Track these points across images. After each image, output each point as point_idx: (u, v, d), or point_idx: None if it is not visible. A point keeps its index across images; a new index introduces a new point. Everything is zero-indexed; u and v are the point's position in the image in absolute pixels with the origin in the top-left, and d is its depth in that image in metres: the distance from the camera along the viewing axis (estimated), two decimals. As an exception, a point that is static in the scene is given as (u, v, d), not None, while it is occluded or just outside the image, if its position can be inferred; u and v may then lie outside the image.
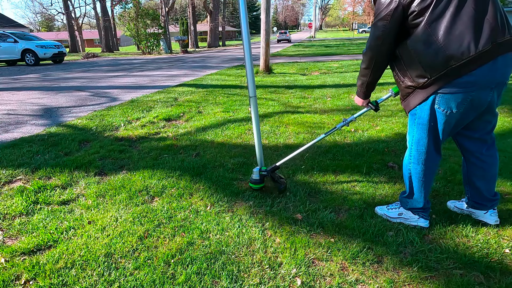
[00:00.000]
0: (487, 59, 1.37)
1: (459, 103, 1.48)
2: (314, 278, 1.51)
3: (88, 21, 51.07)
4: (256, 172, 2.27)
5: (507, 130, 3.48)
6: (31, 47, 15.04)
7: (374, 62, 1.60)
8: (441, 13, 1.38)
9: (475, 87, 1.43)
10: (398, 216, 1.88)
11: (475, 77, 1.40)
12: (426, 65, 1.44)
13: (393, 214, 1.91)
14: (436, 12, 1.38)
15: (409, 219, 1.85)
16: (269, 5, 8.40)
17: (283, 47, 26.04)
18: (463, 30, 1.36)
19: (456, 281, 1.46)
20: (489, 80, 1.43)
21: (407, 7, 1.43)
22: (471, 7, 1.37)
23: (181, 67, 12.37)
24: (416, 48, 1.45)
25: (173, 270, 1.56)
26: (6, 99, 6.25)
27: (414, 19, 1.43)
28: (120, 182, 2.50)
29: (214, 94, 6.10)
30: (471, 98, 1.46)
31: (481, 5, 1.37)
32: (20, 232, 1.91)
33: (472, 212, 1.90)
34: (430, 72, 1.44)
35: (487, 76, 1.41)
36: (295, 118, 4.20)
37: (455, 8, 1.37)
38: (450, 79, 1.42)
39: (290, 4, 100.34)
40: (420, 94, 1.54)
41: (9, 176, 2.65)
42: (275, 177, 2.27)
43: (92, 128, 3.99)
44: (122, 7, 25.56)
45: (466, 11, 1.36)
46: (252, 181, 2.28)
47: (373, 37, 1.54)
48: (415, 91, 1.56)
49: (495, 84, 1.46)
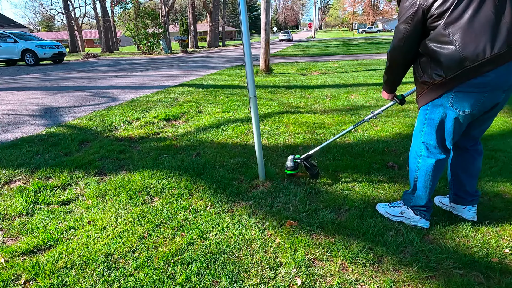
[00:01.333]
0: (502, 61, 1.40)
1: (472, 103, 1.50)
2: (314, 278, 1.51)
3: (88, 21, 51.10)
4: (291, 159, 2.47)
5: (507, 130, 3.48)
6: (31, 47, 15.04)
7: (397, 61, 1.67)
8: (459, 15, 1.43)
9: (488, 88, 1.46)
10: (400, 215, 1.89)
11: (489, 78, 1.43)
12: (443, 64, 1.48)
13: (394, 212, 1.92)
14: (454, 15, 1.43)
15: (410, 219, 1.85)
16: (269, 5, 8.40)
17: (283, 47, 26.05)
18: (479, 33, 1.39)
19: (456, 281, 1.46)
20: (502, 82, 1.45)
21: (427, 11, 1.49)
22: (490, 10, 1.39)
23: (181, 67, 12.37)
24: (434, 48, 1.50)
25: (173, 270, 1.56)
26: (6, 99, 6.25)
27: (433, 22, 1.49)
28: (120, 182, 2.50)
29: (214, 94, 6.10)
30: (484, 100, 1.49)
31: (500, 8, 1.39)
32: (20, 232, 1.91)
33: (453, 207, 1.94)
34: (446, 72, 1.48)
35: (501, 78, 1.44)
36: (295, 118, 4.20)
37: (474, 11, 1.41)
38: (464, 79, 1.46)
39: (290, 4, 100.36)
40: (434, 91, 1.57)
41: (9, 176, 2.65)
42: (309, 164, 2.48)
43: (92, 128, 3.99)
44: (122, 7, 25.57)
45: (484, 14, 1.39)
46: (287, 168, 2.48)
47: (396, 38, 1.60)
48: (430, 88, 1.59)
49: (508, 87, 1.48)
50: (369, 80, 7.16)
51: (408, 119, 4.02)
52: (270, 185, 2.40)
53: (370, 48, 18.59)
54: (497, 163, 2.64)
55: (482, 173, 2.46)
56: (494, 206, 2.04)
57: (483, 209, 2.00)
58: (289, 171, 2.48)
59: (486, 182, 2.34)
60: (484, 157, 2.76)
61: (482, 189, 2.24)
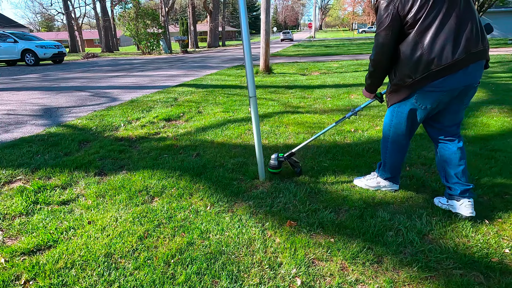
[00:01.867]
0: (461, 66, 1.64)
1: (433, 100, 1.77)
2: (314, 278, 1.51)
3: (88, 21, 51.08)
4: (275, 158, 2.47)
5: (507, 130, 3.48)
6: (31, 47, 15.04)
7: (382, 66, 1.85)
8: (428, 25, 1.64)
9: (446, 89, 1.71)
10: (377, 185, 2.26)
11: (449, 80, 1.68)
12: (412, 67, 1.70)
13: (372, 183, 2.27)
14: (425, 24, 1.64)
15: (386, 186, 2.24)
16: (269, 5, 8.40)
17: (283, 47, 26.05)
18: (444, 41, 1.62)
19: (456, 281, 1.46)
20: (460, 83, 1.69)
21: (403, 18, 1.68)
22: (454, 22, 1.62)
23: (181, 67, 12.37)
24: (406, 53, 1.71)
25: (173, 270, 1.56)
26: (6, 99, 6.25)
27: (408, 29, 1.69)
28: (120, 182, 2.50)
29: (214, 94, 6.10)
30: (442, 97, 1.75)
31: (461, 20, 1.62)
32: (20, 232, 1.91)
33: (451, 205, 2.00)
34: (415, 74, 1.71)
35: (458, 80, 1.68)
36: (295, 118, 4.20)
37: (440, 22, 1.63)
38: (429, 81, 1.69)
39: (290, 4, 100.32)
40: (404, 91, 1.81)
41: (9, 176, 2.65)
42: (292, 161, 2.53)
43: (92, 128, 3.99)
44: (122, 7, 25.56)
45: (448, 25, 1.62)
46: (271, 166, 2.49)
47: (379, 45, 1.77)
48: (400, 88, 1.83)
49: (463, 87, 1.72)
50: (369, 80, 7.15)
51: (408, 119, 4.02)
52: (270, 185, 2.40)
53: (370, 48, 18.56)
54: (497, 163, 2.64)
55: (482, 173, 2.46)
56: (494, 206, 2.04)
57: (483, 209, 2.00)
58: (273, 169, 2.49)
59: (486, 182, 2.34)
60: (484, 157, 2.76)
61: (482, 189, 2.24)
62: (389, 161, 2.12)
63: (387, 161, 2.13)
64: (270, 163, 2.49)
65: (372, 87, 2.05)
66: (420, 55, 1.66)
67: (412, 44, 1.68)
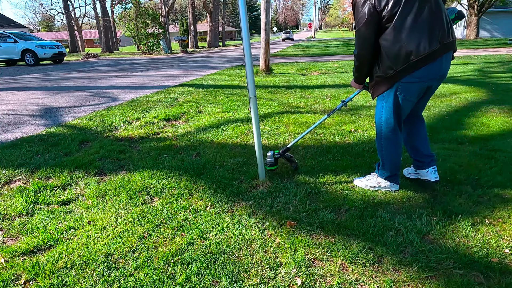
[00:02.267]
0: (436, 56, 1.79)
1: (415, 90, 1.90)
2: (314, 278, 1.51)
3: (88, 21, 51.05)
4: (270, 155, 2.49)
5: (507, 130, 3.48)
6: (31, 47, 15.04)
7: (366, 59, 1.96)
8: (405, 19, 1.75)
9: (426, 78, 1.84)
10: (377, 185, 2.26)
11: (428, 70, 1.81)
12: (393, 59, 1.82)
13: (372, 184, 2.28)
14: (401, 18, 1.75)
15: (386, 187, 2.24)
16: (269, 5, 8.40)
17: (283, 47, 26.05)
18: (420, 34, 1.75)
19: (456, 281, 1.46)
20: (436, 72, 1.85)
21: (380, 13, 1.79)
22: (427, 15, 1.75)
23: (181, 67, 12.37)
24: (386, 46, 1.82)
25: (173, 270, 1.56)
26: (6, 99, 6.25)
27: (385, 23, 1.80)
28: (120, 182, 2.50)
29: (214, 94, 6.10)
30: (423, 87, 1.90)
31: (434, 14, 1.76)
32: (20, 232, 1.91)
33: (419, 174, 2.29)
34: (396, 65, 1.82)
35: (436, 69, 1.83)
36: (295, 118, 4.20)
37: (415, 16, 1.75)
38: (410, 71, 1.82)
39: (290, 4, 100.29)
40: (387, 83, 1.92)
41: (9, 176, 2.65)
42: (288, 157, 2.58)
43: (92, 128, 3.99)
44: (122, 7, 25.56)
45: (423, 19, 1.75)
46: (267, 164, 2.50)
47: (361, 40, 1.89)
48: (383, 80, 1.93)
49: (440, 76, 1.88)
50: (369, 80, 7.16)
51: (408, 119, 4.02)
52: (270, 185, 2.40)
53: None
54: (497, 163, 2.64)
55: (482, 173, 2.46)
56: (494, 206, 2.04)
57: (483, 209, 2.00)
58: (270, 167, 2.51)
59: (486, 182, 2.34)
60: (484, 157, 2.76)
61: (482, 189, 2.24)
62: (386, 158, 2.16)
63: (384, 158, 2.17)
64: (266, 161, 2.51)
65: (360, 79, 2.16)
66: (399, 47, 1.78)
67: (391, 37, 1.79)
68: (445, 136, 3.33)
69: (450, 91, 5.67)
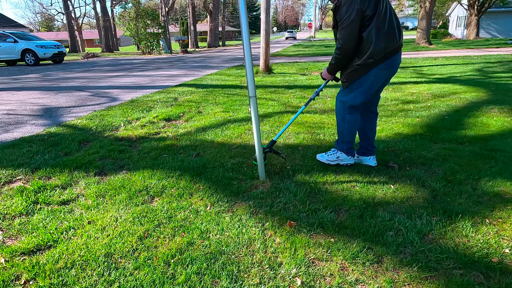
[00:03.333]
0: (398, 50, 2.28)
1: (384, 76, 2.32)
2: (314, 278, 1.51)
3: (88, 21, 51.05)
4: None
5: (507, 130, 3.48)
6: (31, 47, 15.03)
7: (349, 54, 2.27)
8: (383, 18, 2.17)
9: (393, 66, 2.30)
10: (336, 159, 2.60)
11: (395, 59, 2.28)
12: (374, 50, 2.20)
13: (332, 158, 2.61)
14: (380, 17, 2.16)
15: (344, 160, 2.58)
16: (269, 5, 8.40)
17: (283, 46, 26.04)
18: (392, 29, 2.21)
19: (456, 281, 1.46)
20: (398, 63, 2.32)
21: (363, 13, 2.13)
22: (393, 16, 2.23)
23: (181, 67, 12.37)
24: (369, 39, 2.18)
25: (173, 270, 1.56)
26: (6, 99, 6.25)
27: (367, 21, 2.16)
28: (120, 182, 2.50)
29: (214, 94, 6.10)
30: (388, 74, 2.34)
31: (396, 17, 2.26)
32: (20, 232, 1.91)
33: (360, 160, 2.68)
34: (376, 55, 2.21)
35: (398, 60, 2.31)
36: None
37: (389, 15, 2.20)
38: (384, 59, 2.24)
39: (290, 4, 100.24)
40: (366, 69, 2.27)
41: (9, 176, 2.65)
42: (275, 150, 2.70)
43: (92, 128, 3.99)
44: (122, 7, 25.53)
45: (391, 18, 2.21)
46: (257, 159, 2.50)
47: (347, 36, 2.19)
48: (363, 67, 2.27)
49: (398, 66, 2.33)
50: (369, 80, 7.15)
51: (408, 119, 4.02)
52: (270, 185, 2.40)
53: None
54: (497, 163, 2.64)
55: (482, 173, 2.46)
56: (494, 206, 2.04)
57: (483, 209, 2.00)
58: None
59: (486, 182, 2.34)
60: (484, 157, 2.77)
61: (482, 189, 2.25)
62: (347, 133, 2.50)
63: (345, 134, 2.51)
64: (255, 156, 2.51)
65: (336, 70, 2.47)
66: (380, 41, 2.17)
67: (373, 32, 2.16)
68: (445, 136, 3.33)
69: (450, 91, 5.67)
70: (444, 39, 23.48)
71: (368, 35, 2.17)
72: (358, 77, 2.31)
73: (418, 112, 4.34)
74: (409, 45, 18.37)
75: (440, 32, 27.23)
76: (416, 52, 14.74)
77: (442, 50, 15.40)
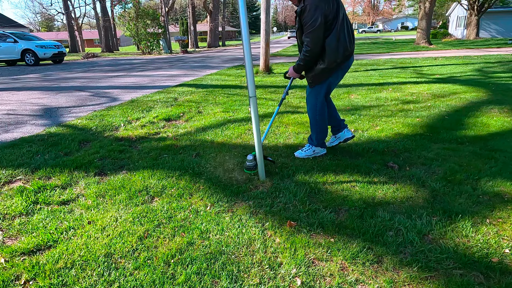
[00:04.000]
0: (352, 53, 2.54)
1: (342, 75, 2.67)
2: (314, 278, 1.51)
3: (88, 21, 51.04)
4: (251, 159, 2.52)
5: (507, 130, 3.48)
6: (31, 47, 15.03)
7: (316, 56, 2.47)
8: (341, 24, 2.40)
9: (346, 68, 2.62)
10: (313, 153, 2.86)
11: (348, 63, 2.59)
12: (338, 54, 2.44)
13: (309, 152, 2.86)
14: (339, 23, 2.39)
15: (319, 152, 2.86)
16: (269, 5, 8.39)
17: (283, 46, 26.04)
18: (349, 35, 2.47)
19: (456, 281, 1.46)
20: (351, 64, 2.62)
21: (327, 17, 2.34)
22: (349, 25, 2.48)
23: (181, 67, 12.37)
24: (332, 44, 2.42)
25: (173, 270, 1.56)
26: (6, 99, 6.25)
27: (330, 25, 2.38)
28: (120, 182, 2.50)
29: (214, 94, 6.10)
30: (343, 74, 2.67)
31: (351, 25, 2.50)
32: (20, 232, 1.91)
33: (338, 137, 2.95)
34: (339, 59, 2.46)
35: (351, 62, 2.62)
36: (295, 118, 4.20)
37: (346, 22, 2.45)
38: (343, 63, 2.53)
39: (290, 4, 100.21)
40: (330, 72, 2.54)
41: (9, 176, 2.65)
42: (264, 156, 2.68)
43: (92, 128, 3.99)
44: (122, 7, 25.54)
45: (347, 28, 2.46)
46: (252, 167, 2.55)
47: (315, 40, 2.39)
48: (327, 71, 2.52)
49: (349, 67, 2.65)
50: (369, 80, 7.16)
51: (408, 119, 4.02)
52: (270, 185, 2.41)
53: (370, 48, 18.58)
54: (497, 163, 2.64)
55: (482, 173, 2.46)
56: (494, 206, 2.04)
57: (483, 209, 2.00)
58: (252, 171, 2.55)
59: (486, 182, 2.34)
60: (484, 157, 2.77)
61: (482, 189, 2.25)
62: (320, 129, 2.78)
63: (318, 130, 2.78)
64: (249, 165, 2.53)
65: (302, 70, 2.65)
66: (340, 46, 2.42)
67: (335, 37, 2.40)
68: (445, 136, 3.33)
69: (450, 91, 5.67)
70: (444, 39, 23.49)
71: (330, 41, 2.40)
72: (322, 79, 2.59)
73: (418, 112, 4.34)
74: (409, 45, 18.38)
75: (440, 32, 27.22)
76: (416, 52, 14.75)
77: (442, 50, 15.41)
